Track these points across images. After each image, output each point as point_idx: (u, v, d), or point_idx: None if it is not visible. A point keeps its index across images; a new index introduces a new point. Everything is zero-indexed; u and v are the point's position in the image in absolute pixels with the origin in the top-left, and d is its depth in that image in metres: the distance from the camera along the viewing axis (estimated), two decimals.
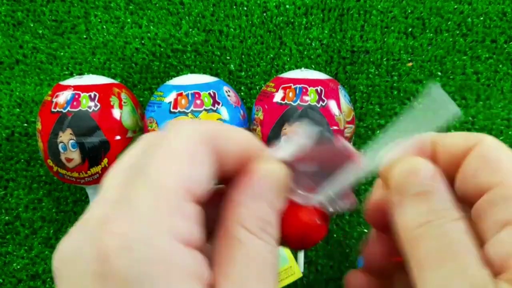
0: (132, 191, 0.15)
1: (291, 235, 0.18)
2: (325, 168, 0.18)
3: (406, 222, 0.16)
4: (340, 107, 0.35)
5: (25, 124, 0.43)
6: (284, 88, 0.35)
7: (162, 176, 0.15)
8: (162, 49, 0.43)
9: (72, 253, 0.14)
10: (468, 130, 0.40)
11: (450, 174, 0.17)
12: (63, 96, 0.35)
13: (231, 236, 0.16)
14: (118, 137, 0.36)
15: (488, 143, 0.17)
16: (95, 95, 0.35)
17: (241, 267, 0.15)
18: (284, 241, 0.18)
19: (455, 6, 0.41)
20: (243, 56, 0.42)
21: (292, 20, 0.42)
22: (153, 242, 0.13)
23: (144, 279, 0.13)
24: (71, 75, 0.43)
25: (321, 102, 0.35)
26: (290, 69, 0.42)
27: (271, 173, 0.17)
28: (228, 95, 0.36)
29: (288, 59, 0.42)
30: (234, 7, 0.42)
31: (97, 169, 0.36)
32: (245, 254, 0.15)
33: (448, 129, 0.40)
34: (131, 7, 0.43)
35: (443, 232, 0.15)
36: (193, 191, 0.15)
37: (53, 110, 0.35)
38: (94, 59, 0.43)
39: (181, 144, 0.15)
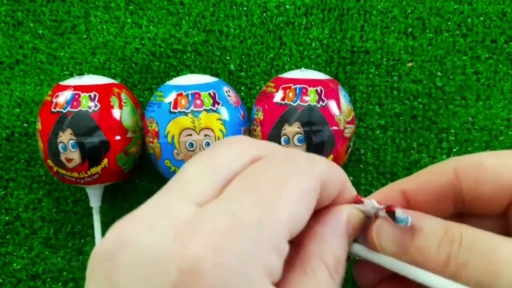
0: (241, 204, 0.13)
1: None
2: None
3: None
4: (340, 107, 0.35)
5: (25, 124, 0.43)
6: (284, 88, 0.35)
7: (281, 205, 0.13)
8: (162, 49, 0.43)
9: (150, 248, 0.12)
10: (468, 130, 0.40)
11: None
12: (63, 96, 0.35)
13: (307, 269, 0.15)
14: (118, 137, 0.36)
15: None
16: (95, 95, 0.35)
17: None
18: None
19: (455, 6, 0.41)
20: (243, 56, 0.42)
21: (292, 20, 0.42)
22: (250, 274, 0.12)
23: None
24: (71, 75, 0.43)
25: (321, 102, 0.35)
26: (290, 69, 0.42)
27: (358, 220, 0.17)
28: (228, 95, 0.36)
29: (288, 59, 0.42)
30: (234, 7, 0.42)
31: (97, 169, 0.36)
32: (314, 286, 0.15)
33: (448, 129, 0.40)
34: (131, 7, 0.43)
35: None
36: (293, 232, 0.14)
37: (53, 110, 0.35)
38: (94, 59, 0.43)
39: (300, 181, 0.14)
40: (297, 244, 0.16)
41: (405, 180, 0.19)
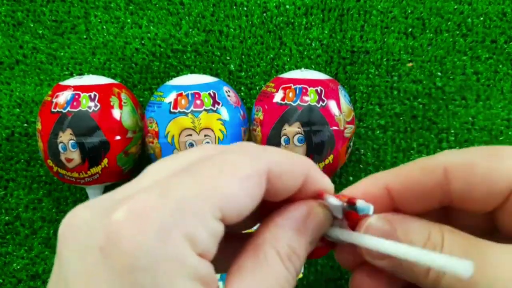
0: (174, 183, 0.14)
1: None
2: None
3: None
4: (340, 107, 0.35)
5: (25, 124, 0.43)
6: (284, 88, 0.35)
7: (212, 184, 0.14)
8: (162, 49, 0.43)
9: (82, 221, 0.14)
10: (468, 130, 0.40)
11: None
12: (63, 96, 0.35)
13: (260, 253, 0.16)
14: (118, 137, 0.36)
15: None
16: (95, 95, 0.35)
17: (255, 284, 0.15)
18: None
19: (455, 6, 0.41)
20: (243, 56, 0.42)
21: (292, 20, 0.42)
22: (169, 239, 0.13)
23: (149, 270, 0.13)
24: (71, 75, 0.43)
25: (321, 102, 0.35)
26: (290, 69, 0.42)
27: (321, 217, 0.17)
28: (228, 95, 0.36)
29: (288, 59, 0.42)
30: (234, 7, 0.42)
31: (97, 169, 0.36)
32: (265, 273, 0.15)
33: (448, 129, 0.40)
34: (131, 7, 0.43)
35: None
36: (227, 214, 0.14)
37: (53, 110, 0.35)
38: (94, 59, 0.43)
39: (241, 165, 0.15)
40: (255, 234, 0.17)
41: (390, 174, 0.18)
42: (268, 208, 0.17)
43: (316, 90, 0.35)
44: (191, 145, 0.34)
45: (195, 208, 0.14)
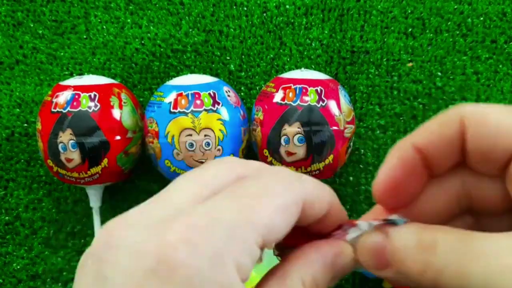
0: (219, 207, 0.14)
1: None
2: None
3: None
4: (340, 107, 0.35)
5: (25, 124, 0.43)
6: (284, 88, 0.35)
7: (256, 212, 0.15)
8: (162, 49, 0.43)
9: (126, 242, 0.14)
10: None
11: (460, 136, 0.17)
12: (63, 96, 0.35)
13: (286, 279, 0.16)
14: (118, 137, 0.36)
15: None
16: (95, 95, 0.35)
17: None
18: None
19: (455, 6, 0.41)
20: (243, 56, 0.42)
21: (292, 20, 0.42)
22: (222, 265, 0.13)
23: None
24: (71, 75, 0.43)
25: (321, 102, 0.35)
26: (290, 69, 0.42)
27: (350, 258, 0.18)
28: (228, 95, 0.36)
29: (288, 59, 0.42)
30: (234, 7, 0.42)
31: (97, 169, 0.36)
32: None
33: None
34: (131, 7, 0.43)
35: None
36: (267, 239, 0.15)
37: (53, 110, 0.35)
38: (94, 59, 0.43)
39: (281, 194, 0.15)
40: (285, 260, 0.17)
41: (416, 133, 0.18)
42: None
43: (316, 90, 0.35)
44: (191, 145, 0.34)
45: (244, 236, 0.14)
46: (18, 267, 0.42)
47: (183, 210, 0.14)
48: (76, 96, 0.35)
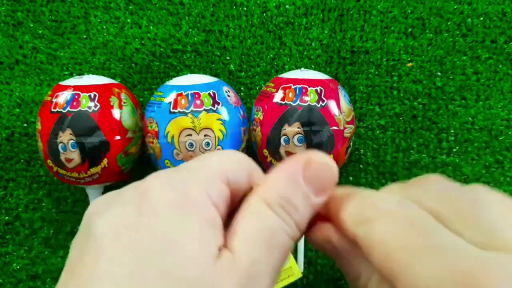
0: (184, 164, 0.18)
1: None
2: None
3: None
4: (340, 107, 0.35)
5: (25, 124, 0.43)
6: (284, 88, 0.35)
7: (208, 161, 0.18)
8: (162, 49, 0.43)
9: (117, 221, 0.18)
10: (468, 130, 0.40)
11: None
12: (63, 96, 0.35)
13: (251, 208, 0.17)
14: (118, 137, 0.36)
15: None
16: (95, 95, 0.35)
17: (251, 232, 0.16)
18: None
19: (455, 6, 0.41)
20: (243, 56, 0.42)
21: (292, 20, 0.42)
22: (191, 187, 0.16)
23: (178, 205, 0.16)
24: (71, 75, 0.43)
25: (321, 102, 0.35)
26: (290, 69, 0.42)
27: (326, 165, 0.18)
28: (228, 95, 0.36)
29: (288, 59, 0.42)
30: (234, 7, 0.42)
31: (97, 169, 0.36)
32: (258, 222, 0.16)
33: (448, 129, 0.40)
34: (131, 7, 0.43)
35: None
36: (229, 177, 0.17)
37: (53, 110, 0.35)
38: (94, 59, 0.43)
39: (224, 157, 0.19)
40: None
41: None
42: None
43: (316, 90, 0.35)
44: (191, 145, 0.34)
45: (206, 172, 0.17)
46: (18, 267, 0.42)
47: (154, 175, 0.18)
48: (76, 96, 0.35)
